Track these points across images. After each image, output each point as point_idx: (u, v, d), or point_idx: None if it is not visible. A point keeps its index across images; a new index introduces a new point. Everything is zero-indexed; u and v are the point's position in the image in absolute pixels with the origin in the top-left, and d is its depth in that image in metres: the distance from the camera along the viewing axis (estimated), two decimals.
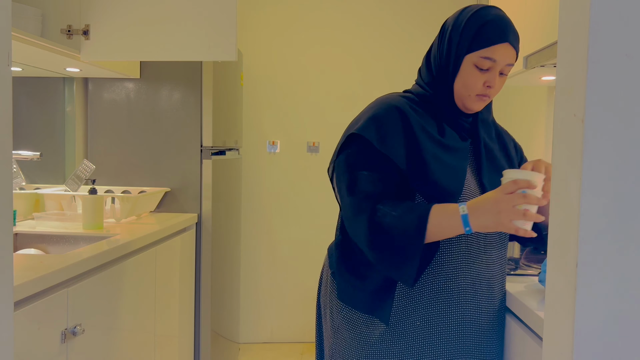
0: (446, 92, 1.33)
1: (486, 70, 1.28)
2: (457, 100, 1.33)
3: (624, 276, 0.70)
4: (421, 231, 1.20)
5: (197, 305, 2.74)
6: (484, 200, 1.18)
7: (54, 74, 2.58)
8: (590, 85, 0.68)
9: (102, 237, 2.08)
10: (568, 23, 0.74)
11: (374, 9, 3.63)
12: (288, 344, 3.72)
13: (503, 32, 1.27)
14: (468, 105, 1.33)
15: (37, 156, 2.21)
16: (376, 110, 1.33)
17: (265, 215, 3.72)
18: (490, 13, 1.29)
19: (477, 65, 1.28)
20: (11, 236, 0.89)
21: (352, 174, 1.30)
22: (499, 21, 1.27)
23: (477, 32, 1.27)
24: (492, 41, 1.26)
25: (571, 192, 0.71)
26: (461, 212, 1.19)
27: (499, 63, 1.28)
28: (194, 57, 2.18)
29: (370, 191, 1.27)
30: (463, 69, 1.30)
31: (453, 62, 1.30)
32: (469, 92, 1.31)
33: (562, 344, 0.74)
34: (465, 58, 1.29)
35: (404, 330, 1.31)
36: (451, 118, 1.35)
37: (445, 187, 1.27)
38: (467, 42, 1.28)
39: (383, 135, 1.28)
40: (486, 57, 1.27)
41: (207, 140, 2.72)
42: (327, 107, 3.65)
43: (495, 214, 1.15)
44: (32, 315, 1.40)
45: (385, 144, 1.27)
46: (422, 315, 1.31)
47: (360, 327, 1.35)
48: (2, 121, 0.86)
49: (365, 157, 1.30)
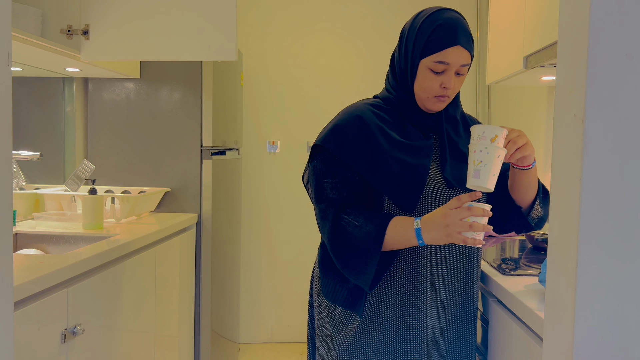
0: (407, 95, 1.40)
1: (441, 73, 1.33)
2: (418, 102, 1.39)
3: (624, 276, 0.70)
4: (378, 241, 1.28)
5: (197, 305, 2.74)
6: (434, 215, 1.26)
7: (54, 74, 2.58)
8: (590, 85, 0.68)
9: (102, 237, 2.08)
10: (568, 23, 0.74)
11: (374, 9, 3.63)
12: (288, 344, 3.72)
13: (453, 35, 1.30)
14: (428, 107, 1.39)
15: (37, 156, 2.21)
16: (337, 120, 1.41)
17: (265, 215, 3.72)
18: (441, 17, 1.32)
19: (431, 69, 1.33)
20: (11, 236, 0.89)
21: (318, 183, 1.39)
22: (449, 25, 1.31)
23: (428, 37, 1.31)
24: (443, 45, 1.30)
25: (571, 192, 0.71)
26: (415, 226, 1.27)
27: (452, 65, 1.32)
28: (194, 57, 2.18)
29: (334, 198, 1.36)
30: (420, 73, 1.35)
31: (410, 67, 1.36)
32: (427, 94, 1.36)
33: (562, 344, 0.74)
34: (420, 63, 1.34)
35: (378, 321, 1.39)
36: (414, 118, 1.41)
37: (407, 186, 1.34)
38: (420, 48, 1.33)
39: (341, 143, 1.36)
40: (439, 62, 1.31)
41: (207, 140, 2.72)
42: (327, 107, 3.65)
43: (444, 227, 1.22)
44: (32, 315, 1.40)
45: (343, 151, 1.35)
46: (394, 305, 1.38)
47: (340, 323, 1.43)
48: (2, 121, 0.86)
49: (327, 166, 1.38)
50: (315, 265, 1.57)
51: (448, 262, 1.41)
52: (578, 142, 0.70)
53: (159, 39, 2.15)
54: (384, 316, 1.39)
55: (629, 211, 0.69)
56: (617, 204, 0.69)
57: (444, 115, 1.43)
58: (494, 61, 2.44)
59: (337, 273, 1.43)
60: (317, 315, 1.52)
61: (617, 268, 0.70)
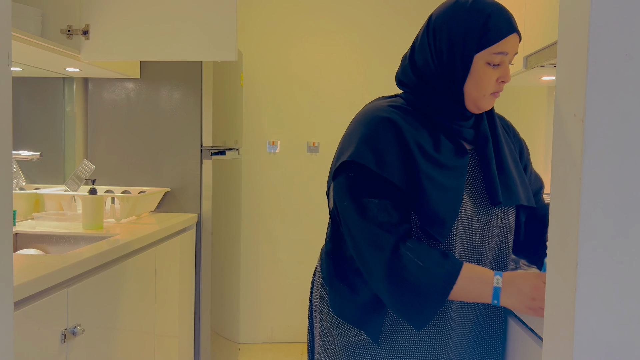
0: (451, 97, 1.24)
1: (497, 65, 1.20)
2: (468, 103, 1.23)
3: (624, 276, 0.70)
4: (446, 291, 1.13)
5: (197, 305, 2.74)
6: (521, 279, 1.11)
7: (54, 74, 2.58)
8: (590, 85, 0.68)
9: (102, 237, 2.08)
10: (568, 23, 0.74)
11: (374, 10, 3.62)
12: (288, 344, 3.71)
13: (509, 22, 1.18)
14: (482, 106, 1.24)
15: (37, 156, 2.21)
16: (367, 127, 1.21)
17: (265, 215, 3.72)
18: (485, 4, 1.19)
19: (490, 62, 1.19)
20: (11, 236, 0.89)
21: (358, 201, 1.19)
22: (501, 12, 1.19)
23: (484, 27, 1.17)
24: (503, 34, 1.17)
25: (571, 192, 0.71)
26: (495, 283, 1.13)
27: (509, 55, 1.20)
28: (194, 57, 2.18)
29: (385, 221, 1.16)
30: (474, 69, 1.20)
31: (461, 64, 1.20)
32: (484, 91, 1.21)
33: (562, 344, 0.73)
34: (475, 57, 1.19)
35: (392, 348, 1.27)
36: (449, 128, 1.25)
37: (440, 212, 1.18)
38: (476, 40, 1.18)
39: (379, 155, 1.18)
40: (499, 52, 1.18)
41: (207, 140, 2.72)
42: (327, 107, 3.65)
43: (530, 300, 1.10)
44: (32, 315, 1.40)
45: (383, 165, 1.17)
46: (410, 335, 1.26)
47: (347, 335, 1.30)
48: (2, 121, 0.86)
49: (367, 183, 1.19)
50: (316, 271, 1.45)
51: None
52: (578, 142, 0.70)
53: (159, 39, 2.14)
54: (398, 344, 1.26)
55: (629, 211, 0.69)
56: (617, 204, 0.69)
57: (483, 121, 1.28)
58: None
59: (346, 284, 1.29)
60: (319, 323, 1.41)
61: (617, 268, 0.70)
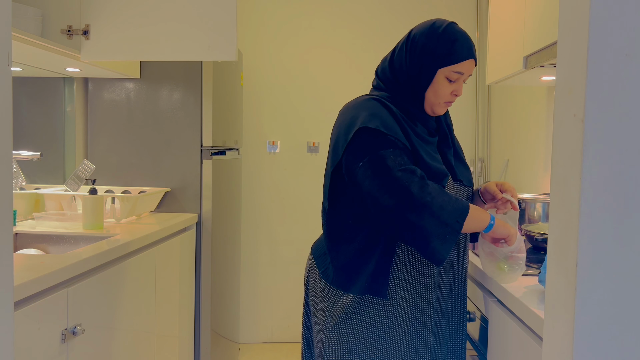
0: (415, 97, 1.49)
1: (454, 82, 1.47)
2: (426, 106, 1.50)
3: (624, 276, 0.70)
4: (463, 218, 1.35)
5: (197, 305, 2.74)
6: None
7: (54, 74, 2.58)
8: (590, 85, 0.69)
9: (102, 237, 2.08)
10: (568, 23, 0.74)
11: (374, 10, 3.63)
12: (288, 344, 3.72)
13: (470, 49, 1.46)
14: (436, 111, 1.51)
15: (37, 156, 2.21)
16: (365, 107, 1.45)
17: (265, 215, 3.72)
18: (456, 30, 1.46)
19: (448, 78, 1.46)
20: (11, 236, 0.89)
21: (376, 155, 1.37)
22: (465, 39, 1.46)
23: (450, 48, 1.44)
24: (463, 57, 1.44)
25: (571, 192, 0.71)
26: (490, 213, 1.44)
27: (464, 75, 1.48)
28: (194, 57, 2.18)
29: (406, 162, 1.37)
30: (435, 81, 1.46)
31: (425, 75, 1.46)
32: (439, 100, 1.48)
33: (562, 344, 0.74)
34: (438, 71, 1.45)
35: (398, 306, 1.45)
36: (421, 118, 1.51)
37: (436, 171, 1.43)
38: (440, 58, 1.44)
39: (384, 122, 1.40)
40: (457, 72, 1.45)
41: (207, 140, 2.72)
42: (327, 107, 3.65)
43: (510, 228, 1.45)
44: (32, 315, 1.40)
45: (389, 129, 1.39)
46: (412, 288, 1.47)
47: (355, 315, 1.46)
48: (2, 121, 0.86)
49: (379, 141, 1.39)
50: (310, 269, 1.60)
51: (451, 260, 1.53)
52: (578, 142, 0.70)
53: (159, 38, 2.14)
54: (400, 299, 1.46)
55: (628, 211, 0.69)
56: (617, 204, 0.69)
57: (443, 119, 1.58)
58: (494, 61, 2.44)
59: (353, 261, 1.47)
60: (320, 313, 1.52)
61: (617, 268, 0.70)
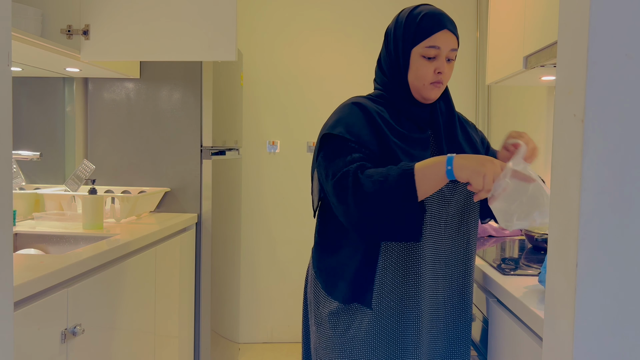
0: (402, 87, 1.44)
1: (433, 59, 1.40)
2: (414, 93, 1.44)
3: (624, 276, 0.70)
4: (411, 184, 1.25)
5: (197, 305, 2.74)
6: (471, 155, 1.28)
7: (54, 74, 2.58)
8: (590, 85, 0.68)
9: (102, 237, 2.08)
10: (568, 23, 0.74)
11: (374, 10, 3.63)
12: (288, 344, 3.72)
13: (439, 21, 1.40)
14: (425, 95, 1.43)
15: (37, 156, 2.21)
16: (339, 112, 1.44)
17: (265, 215, 3.72)
18: (423, 9, 1.42)
19: (424, 56, 1.40)
20: (11, 236, 0.89)
21: (330, 163, 1.37)
22: (433, 13, 1.41)
23: (417, 26, 1.40)
24: (432, 30, 1.39)
25: (571, 192, 0.71)
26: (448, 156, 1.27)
27: (443, 50, 1.40)
28: (194, 57, 2.18)
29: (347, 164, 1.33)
30: (412, 62, 1.41)
31: (402, 58, 1.42)
32: (423, 81, 1.41)
33: (562, 344, 0.74)
34: (412, 51, 1.41)
35: (384, 313, 1.40)
36: (409, 111, 1.45)
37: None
38: (410, 37, 1.40)
39: (349, 127, 1.38)
40: (431, 46, 1.39)
41: (207, 140, 2.72)
42: (327, 107, 3.64)
43: (479, 165, 1.23)
44: (32, 315, 1.40)
45: (352, 133, 1.37)
46: (398, 296, 1.40)
47: (340, 318, 1.43)
48: (2, 121, 0.86)
49: (339, 150, 1.37)
50: (309, 267, 1.58)
51: (445, 254, 1.44)
52: (578, 142, 0.70)
53: (159, 39, 2.14)
54: (385, 307, 1.40)
55: (628, 211, 0.69)
56: (617, 204, 0.69)
57: (439, 111, 1.48)
58: (494, 61, 2.44)
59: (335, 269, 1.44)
60: (314, 315, 1.52)
61: (617, 268, 0.70)
